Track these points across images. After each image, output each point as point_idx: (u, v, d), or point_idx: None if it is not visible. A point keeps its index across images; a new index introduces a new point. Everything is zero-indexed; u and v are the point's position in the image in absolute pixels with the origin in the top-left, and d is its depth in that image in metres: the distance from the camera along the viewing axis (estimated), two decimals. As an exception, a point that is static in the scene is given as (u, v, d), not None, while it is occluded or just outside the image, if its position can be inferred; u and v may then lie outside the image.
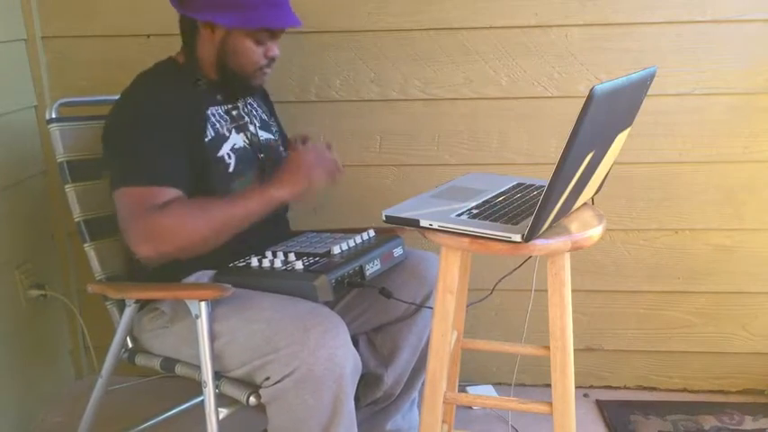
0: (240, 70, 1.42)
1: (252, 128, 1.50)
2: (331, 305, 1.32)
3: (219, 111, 1.45)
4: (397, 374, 1.56)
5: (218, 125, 1.42)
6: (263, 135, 1.53)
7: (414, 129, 1.84)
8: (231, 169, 1.41)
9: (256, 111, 1.56)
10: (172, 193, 1.29)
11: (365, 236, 1.48)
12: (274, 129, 1.59)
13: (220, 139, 1.41)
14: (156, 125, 1.32)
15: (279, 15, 1.39)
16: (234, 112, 1.48)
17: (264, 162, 1.49)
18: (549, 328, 1.16)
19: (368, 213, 1.80)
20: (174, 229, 1.26)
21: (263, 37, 1.40)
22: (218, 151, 1.40)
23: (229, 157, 1.41)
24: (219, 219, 1.30)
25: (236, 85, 1.45)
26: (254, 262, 1.37)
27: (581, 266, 1.89)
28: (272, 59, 1.44)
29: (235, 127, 1.46)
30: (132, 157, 1.33)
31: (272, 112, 1.64)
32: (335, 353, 1.20)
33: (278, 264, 1.36)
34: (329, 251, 1.39)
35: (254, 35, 1.38)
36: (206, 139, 1.38)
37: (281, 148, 1.58)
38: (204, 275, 1.37)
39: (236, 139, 1.44)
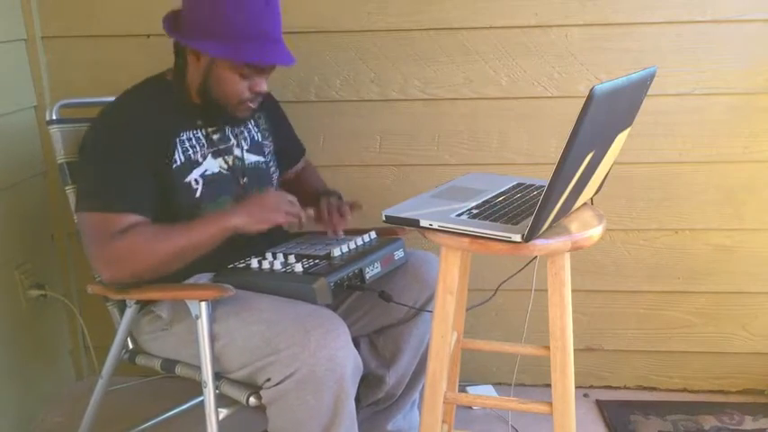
0: (223, 100, 1.38)
1: (237, 151, 1.47)
2: (332, 308, 1.32)
3: (198, 135, 1.42)
4: (399, 376, 1.56)
5: (190, 151, 1.39)
6: (251, 158, 1.50)
7: (414, 129, 1.84)
8: (198, 195, 1.39)
9: (249, 132, 1.53)
10: (130, 219, 1.30)
11: (366, 238, 1.48)
12: (267, 150, 1.56)
13: (191, 166, 1.39)
14: (119, 149, 1.32)
15: (266, 51, 1.33)
16: (215, 136, 1.44)
17: (247, 187, 1.47)
18: (549, 328, 1.16)
19: (368, 213, 1.80)
20: (131, 256, 1.28)
21: (247, 71, 1.35)
22: (185, 177, 1.38)
23: (197, 182, 1.39)
24: (176, 245, 1.30)
25: (219, 113, 1.41)
26: (254, 263, 1.37)
27: (581, 266, 1.89)
28: (257, 94, 1.40)
29: (212, 152, 1.43)
30: (92, 181, 1.34)
31: (270, 131, 1.59)
32: (336, 354, 1.20)
33: (277, 266, 1.35)
34: (329, 253, 1.39)
35: (237, 68, 1.34)
36: (173, 166, 1.36)
37: (272, 169, 1.56)
38: (203, 277, 1.38)
39: (211, 165, 1.42)
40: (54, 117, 1.51)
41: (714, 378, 1.99)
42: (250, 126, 1.54)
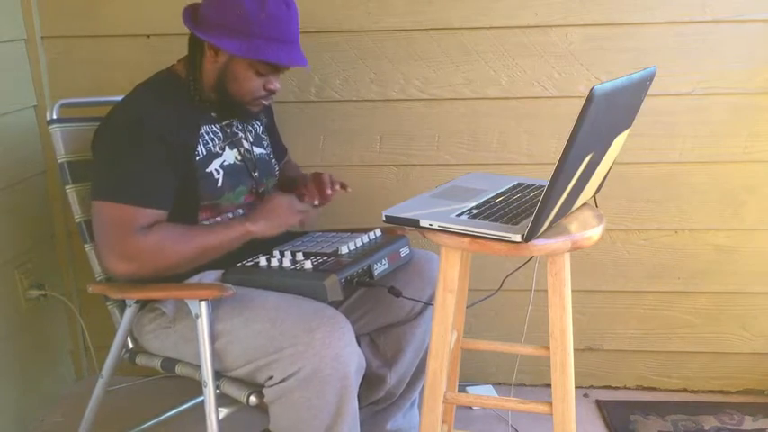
0: (238, 97, 1.41)
1: (246, 143, 1.50)
2: (335, 306, 1.32)
3: (214, 128, 1.44)
4: (400, 375, 1.56)
5: (210, 144, 1.42)
6: (256, 150, 1.53)
7: (414, 129, 1.84)
8: (219, 184, 1.41)
9: (253, 126, 1.56)
10: (154, 214, 1.31)
11: (372, 235, 1.48)
12: (266, 143, 1.59)
13: (211, 157, 1.41)
14: (145, 142, 1.32)
15: (284, 52, 1.37)
16: (228, 130, 1.47)
17: (258, 180, 1.49)
18: (549, 328, 1.16)
19: (368, 213, 1.81)
20: (153, 253, 1.30)
21: (264, 70, 1.39)
22: (206, 168, 1.40)
23: (218, 172, 1.41)
24: (197, 246, 1.33)
25: (232, 108, 1.45)
26: (263, 261, 1.37)
27: (581, 266, 1.89)
28: (271, 92, 1.43)
29: (228, 144, 1.45)
30: (118, 171, 1.33)
31: (267, 127, 1.63)
32: (341, 353, 1.20)
33: (286, 263, 1.36)
34: (337, 250, 1.39)
35: (255, 66, 1.38)
36: (197, 158, 1.38)
37: (273, 161, 1.59)
38: (210, 274, 1.38)
39: (228, 156, 1.44)
40: (54, 117, 1.52)
41: (714, 378, 1.99)
42: (252, 121, 1.56)
